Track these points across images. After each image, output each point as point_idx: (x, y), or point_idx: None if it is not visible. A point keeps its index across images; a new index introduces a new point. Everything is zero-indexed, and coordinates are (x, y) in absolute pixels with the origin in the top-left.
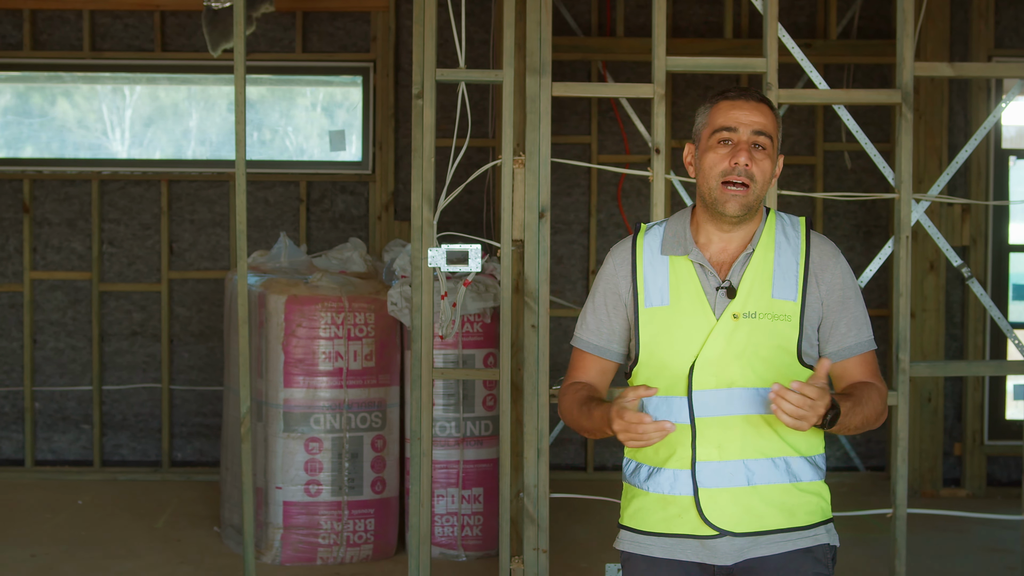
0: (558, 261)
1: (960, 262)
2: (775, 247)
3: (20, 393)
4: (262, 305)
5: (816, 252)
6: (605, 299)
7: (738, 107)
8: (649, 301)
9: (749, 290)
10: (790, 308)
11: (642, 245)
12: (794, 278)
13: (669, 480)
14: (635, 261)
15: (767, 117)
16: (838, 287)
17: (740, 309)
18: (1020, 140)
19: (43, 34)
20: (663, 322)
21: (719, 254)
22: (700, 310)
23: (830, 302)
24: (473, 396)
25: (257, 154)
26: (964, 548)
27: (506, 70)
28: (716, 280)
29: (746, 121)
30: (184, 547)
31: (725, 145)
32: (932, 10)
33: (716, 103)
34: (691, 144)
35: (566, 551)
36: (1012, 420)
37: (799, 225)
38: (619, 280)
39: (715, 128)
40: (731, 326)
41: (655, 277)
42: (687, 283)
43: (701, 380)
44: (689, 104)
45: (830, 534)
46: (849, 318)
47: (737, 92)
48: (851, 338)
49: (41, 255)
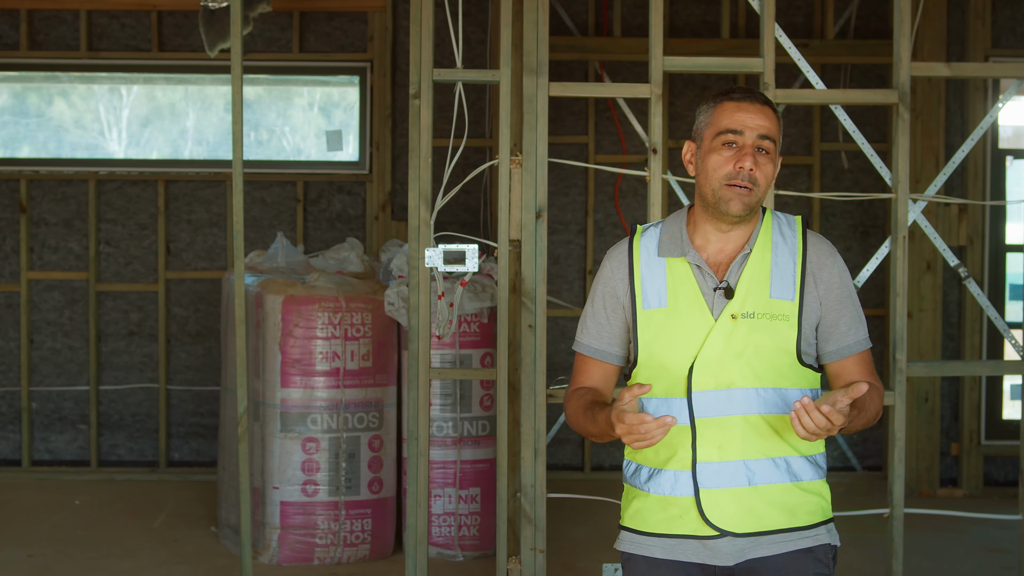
0: (555, 261)
1: (957, 262)
2: (772, 247)
3: (17, 393)
4: (259, 305)
5: (813, 251)
6: (604, 302)
7: (743, 109)
8: (647, 303)
9: (747, 290)
10: (788, 308)
11: (639, 247)
12: (792, 278)
13: (670, 481)
14: (632, 263)
15: (771, 120)
16: (836, 286)
17: (738, 309)
18: (1017, 140)
19: (40, 34)
20: (661, 324)
21: (716, 255)
22: (698, 311)
23: (829, 301)
24: (470, 396)
25: (254, 154)
26: (961, 548)
27: (503, 70)
28: (713, 281)
29: (751, 125)
30: (181, 547)
31: (729, 148)
32: (929, 10)
33: (719, 103)
34: (691, 142)
35: (563, 551)
36: (1009, 420)
37: (795, 224)
38: (616, 283)
39: (719, 130)
40: (729, 326)
41: (652, 279)
42: (685, 285)
43: (700, 381)
44: (686, 104)
45: (831, 534)
46: (848, 317)
47: (741, 94)
48: (850, 336)
49: (38, 255)
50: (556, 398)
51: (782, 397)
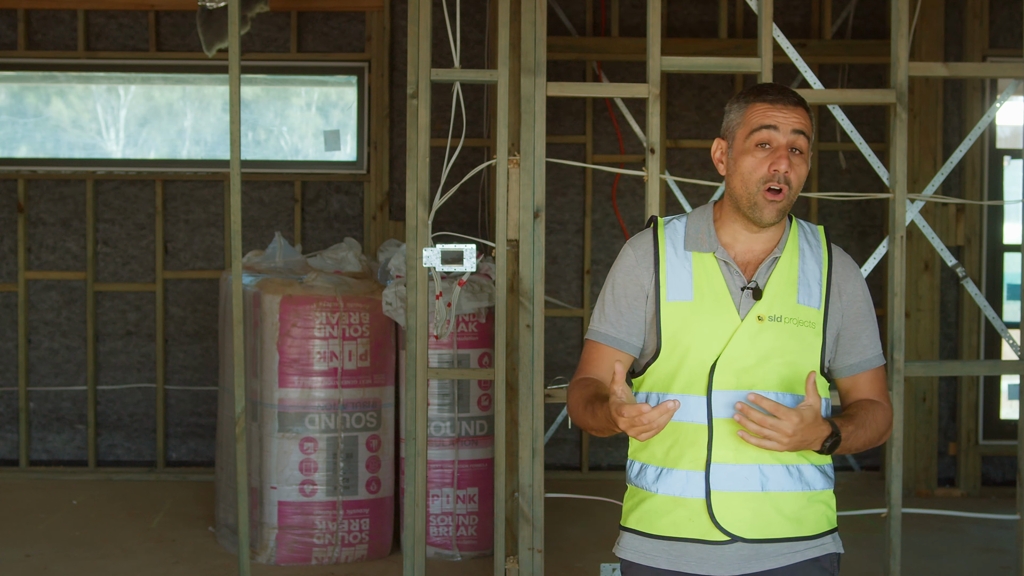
0: (553, 261)
1: (955, 262)
2: (799, 254)
3: (15, 393)
4: (257, 305)
5: (838, 262)
6: (625, 290)
7: (777, 109)
8: (672, 295)
9: (775, 293)
10: (814, 315)
11: (664, 238)
12: (818, 286)
13: (681, 482)
14: (658, 253)
15: (804, 117)
16: (859, 299)
17: (766, 311)
18: (1015, 140)
19: (38, 34)
20: (686, 317)
21: (744, 254)
22: (724, 309)
23: (851, 313)
24: (468, 396)
25: (252, 154)
26: (959, 548)
27: (501, 70)
28: (742, 280)
29: (785, 124)
30: (179, 547)
31: (763, 149)
32: (927, 10)
33: (752, 104)
34: (721, 140)
35: (561, 551)
36: (1007, 420)
37: (819, 234)
38: (640, 272)
39: (752, 129)
40: (756, 328)
41: (679, 271)
42: (712, 280)
43: (722, 380)
44: (684, 104)
45: (836, 542)
46: (870, 331)
47: (775, 94)
48: (871, 350)
49: (36, 255)
50: (554, 398)
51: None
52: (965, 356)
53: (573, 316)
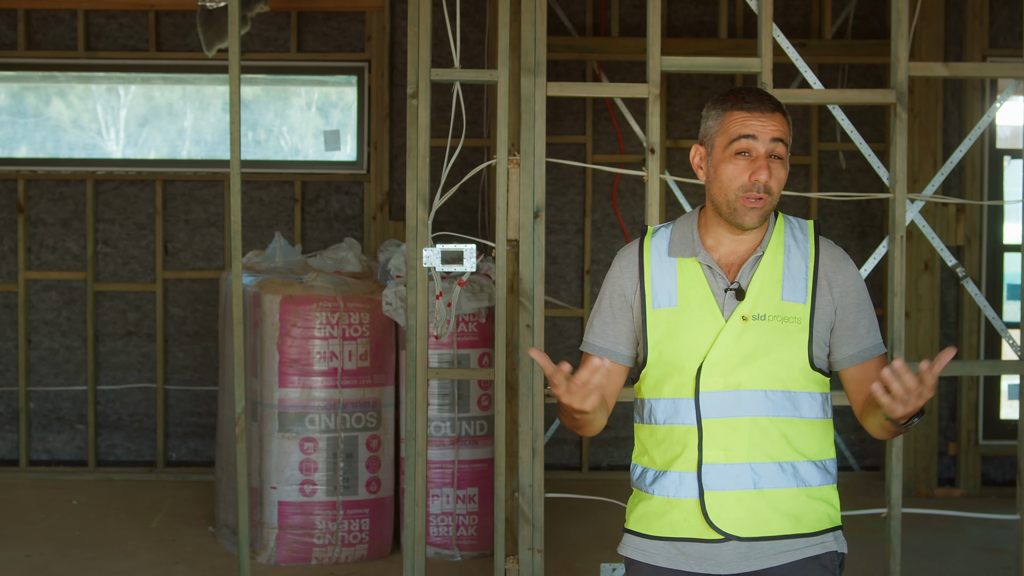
0: (553, 261)
1: (955, 262)
2: (784, 250)
3: (14, 393)
4: (257, 305)
5: (827, 255)
6: (611, 301)
7: (754, 117)
8: (657, 303)
9: (758, 292)
10: (800, 311)
11: (649, 247)
12: (804, 281)
13: (674, 483)
14: (642, 263)
15: (782, 124)
16: (853, 289)
17: (749, 311)
18: (1015, 140)
19: (38, 34)
20: (671, 323)
21: (728, 256)
22: (708, 311)
23: (846, 304)
24: (468, 396)
25: (252, 154)
26: (959, 548)
27: (501, 70)
28: (724, 282)
29: (763, 132)
30: (179, 547)
31: (743, 157)
32: (927, 10)
33: (730, 112)
34: (700, 146)
35: (561, 551)
36: (1007, 420)
37: (808, 228)
38: (625, 282)
39: (731, 138)
40: (740, 328)
41: (663, 278)
42: (695, 285)
43: (708, 382)
44: (684, 104)
45: (838, 541)
46: (867, 320)
47: (753, 100)
48: (870, 339)
49: (36, 255)
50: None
51: (791, 400)
52: (965, 356)
53: (573, 316)
